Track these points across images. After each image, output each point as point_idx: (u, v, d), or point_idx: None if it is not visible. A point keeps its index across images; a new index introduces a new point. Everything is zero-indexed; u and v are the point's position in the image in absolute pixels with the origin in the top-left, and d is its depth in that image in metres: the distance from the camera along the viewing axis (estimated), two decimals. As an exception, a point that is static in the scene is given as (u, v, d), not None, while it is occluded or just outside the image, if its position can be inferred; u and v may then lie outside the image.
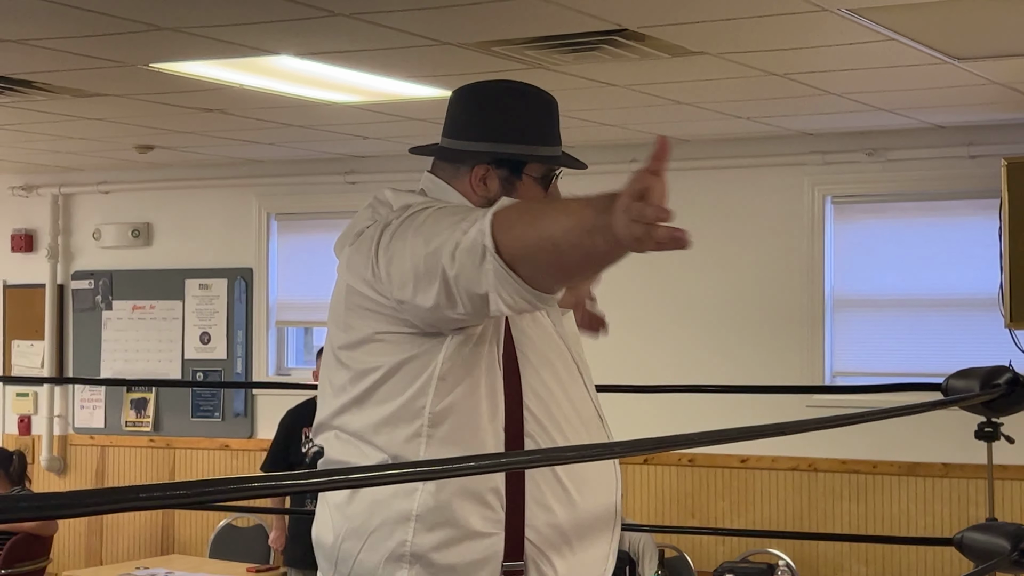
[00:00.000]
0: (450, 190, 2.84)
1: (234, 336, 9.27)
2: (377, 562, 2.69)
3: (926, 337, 7.61)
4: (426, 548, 2.66)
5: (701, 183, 8.10)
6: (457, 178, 2.86)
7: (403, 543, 2.67)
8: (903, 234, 7.79)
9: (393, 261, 2.64)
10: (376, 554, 2.69)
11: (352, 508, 2.74)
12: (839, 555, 7.76)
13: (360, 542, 2.72)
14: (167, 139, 8.12)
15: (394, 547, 2.67)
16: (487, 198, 2.80)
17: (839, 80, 6.23)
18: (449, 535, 2.66)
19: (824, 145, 7.82)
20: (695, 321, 8.10)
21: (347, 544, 2.74)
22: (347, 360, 2.77)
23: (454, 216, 2.59)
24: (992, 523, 2.79)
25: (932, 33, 5.30)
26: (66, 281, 9.80)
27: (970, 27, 5.22)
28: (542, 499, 2.71)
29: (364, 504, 2.71)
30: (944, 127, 7.50)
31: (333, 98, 6.67)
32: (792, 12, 4.94)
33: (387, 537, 2.68)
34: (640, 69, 5.89)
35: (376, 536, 2.69)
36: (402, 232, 2.65)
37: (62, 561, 9.40)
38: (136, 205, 9.63)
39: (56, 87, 6.43)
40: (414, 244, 2.59)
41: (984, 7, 4.88)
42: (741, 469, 7.98)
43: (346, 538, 2.74)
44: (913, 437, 7.54)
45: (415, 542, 2.66)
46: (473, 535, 2.67)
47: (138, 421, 9.53)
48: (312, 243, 9.18)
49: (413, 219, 2.66)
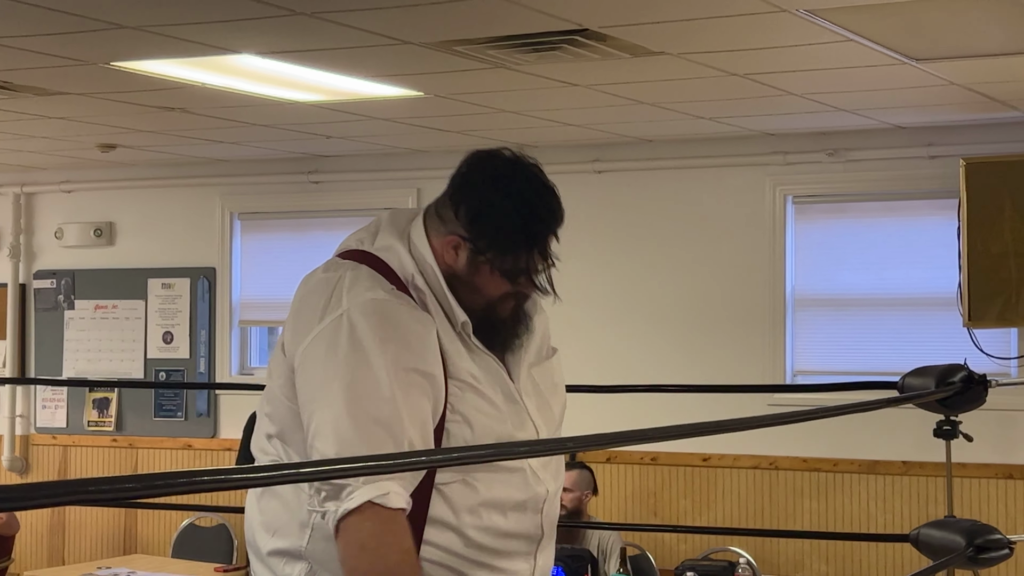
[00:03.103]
0: (427, 249, 2.87)
1: (197, 335, 9.25)
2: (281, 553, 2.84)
3: (886, 336, 7.64)
4: (316, 555, 2.77)
5: (663, 183, 8.12)
6: (438, 237, 2.88)
7: (300, 547, 2.79)
8: (863, 234, 7.82)
9: (301, 389, 2.78)
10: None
11: (263, 504, 2.89)
12: (800, 552, 7.79)
13: (268, 536, 2.86)
14: (129, 138, 8.09)
15: (291, 546, 2.81)
16: (452, 266, 2.84)
17: (799, 81, 6.25)
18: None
19: (785, 145, 7.84)
20: (657, 321, 8.11)
21: (258, 537, 2.89)
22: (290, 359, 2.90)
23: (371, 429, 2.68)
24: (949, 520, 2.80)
25: (891, 34, 5.32)
26: (28, 280, 9.77)
27: (929, 28, 5.24)
28: (447, 521, 2.74)
29: (275, 503, 2.86)
30: (904, 127, 7.53)
31: (296, 97, 6.65)
32: (751, 13, 4.94)
33: (290, 535, 2.81)
34: (601, 69, 5.89)
35: (281, 533, 2.83)
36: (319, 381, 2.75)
37: (24, 561, 9.35)
38: (98, 204, 9.60)
39: (17, 85, 6.40)
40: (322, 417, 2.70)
41: (942, 8, 4.90)
42: (703, 467, 8.00)
43: (257, 531, 2.89)
44: (873, 435, 7.58)
45: (309, 548, 2.78)
46: None
47: (100, 421, 9.50)
48: (275, 242, 9.17)
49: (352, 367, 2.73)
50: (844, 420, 7.49)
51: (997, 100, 6.73)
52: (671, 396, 6.83)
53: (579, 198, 8.23)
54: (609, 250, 8.22)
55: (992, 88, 6.44)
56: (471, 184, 2.90)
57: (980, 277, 7.15)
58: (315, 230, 8.96)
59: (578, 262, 8.15)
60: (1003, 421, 7.29)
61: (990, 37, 5.38)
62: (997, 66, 5.93)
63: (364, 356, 2.70)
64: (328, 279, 2.83)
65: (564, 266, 2.95)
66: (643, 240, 8.16)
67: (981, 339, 7.25)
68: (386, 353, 2.69)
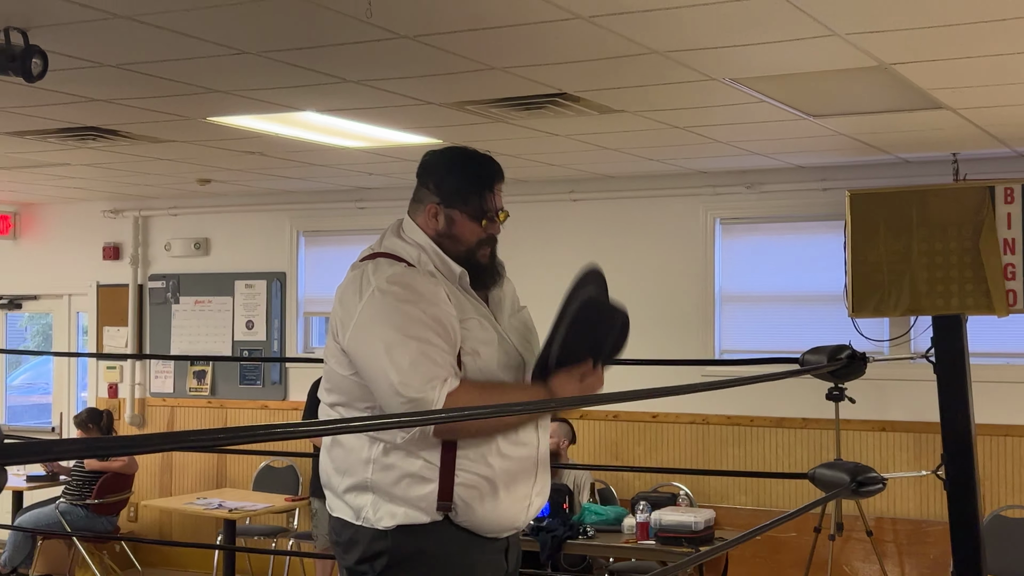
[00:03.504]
0: (416, 227, 2.97)
1: (272, 323, 9.25)
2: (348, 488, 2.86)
3: (790, 323, 7.66)
4: (380, 483, 2.79)
5: (622, 209, 8.12)
6: (419, 214, 2.99)
7: (367, 478, 2.80)
8: (773, 247, 7.82)
9: (359, 354, 2.80)
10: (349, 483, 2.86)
11: (332, 454, 2.90)
12: (724, 487, 7.80)
13: (340, 477, 2.87)
14: (221, 174, 8.10)
15: (359, 481, 2.82)
16: (437, 229, 2.94)
17: (724, 132, 6.25)
18: (395, 478, 2.78)
19: (714, 180, 7.85)
20: (618, 312, 8.11)
21: (333, 479, 2.90)
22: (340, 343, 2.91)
23: (414, 351, 2.72)
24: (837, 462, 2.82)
25: (794, 97, 5.33)
26: (144, 282, 9.77)
27: (822, 93, 5.25)
28: (474, 454, 2.77)
29: (341, 450, 2.87)
30: (803, 167, 7.54)
31: (346, 144, 6.66)
32: (688, 80, 4.96)
33: (357, 473, 2.82)
34: (576, 122, 5.90)
35: (349, 472, 2.85)
36: (369, 336, 2.78)
37: (141, 493, 9.36)
38: (197, 224, 9.59)
39: (136, 135, 6.41)
40: (381, 362, 2.74)
41: (832, 78, 4.91)
42: (653, 423, 8.01)
43: (331, 475, 2.90)
44: (780, 398, 7.59)
45: (372, 479, 2.79)
46: (415, 480, 2.77)
47: (199, 388, 9.50)
48: (330, 253, 9.17)
49: (389, 318, 2.78)
50: (759, 387, 7.50)
51: (873, 146, 6.75)
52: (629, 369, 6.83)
53: (559, 220, 8.26)
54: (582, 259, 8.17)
55: (869, 137, 6.45)
56: (432, 165, 3.03)
57: (860, 280, 7.16)
58: (360, 244, 8.83)
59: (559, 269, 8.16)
60: (878, 387, 7.30)
61: (867, 100, 5.40)
62: (873, 121, 5.95)
63: (398, 308, 2.77)
64: (356, 275, 2.90)
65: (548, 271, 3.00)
66: (608, 251, 8.16)
67: (861, 326, 7.26)
68: (413, 303, 2.77)
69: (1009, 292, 6.91)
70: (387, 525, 2.78)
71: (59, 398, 10.25)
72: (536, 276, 5.94)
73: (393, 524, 2.77)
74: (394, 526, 2.77)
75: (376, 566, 2.79)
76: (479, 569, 2.83)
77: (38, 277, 10.17)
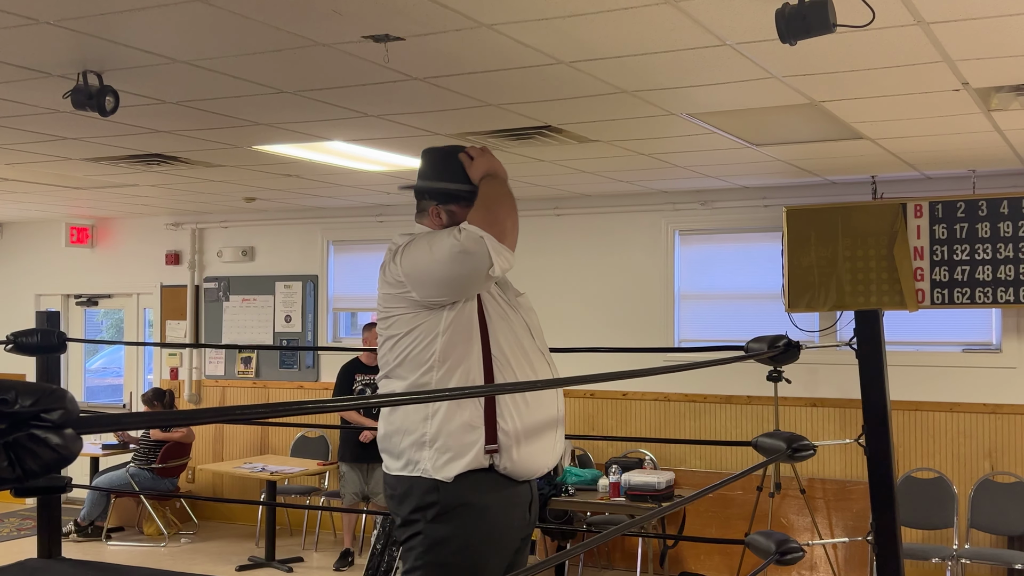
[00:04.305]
0: (426, 229, 2.90)
1: (306, 317, 9.23)
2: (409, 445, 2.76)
3: (736, 317, 7.66)
4: (435, 436, 2.71)
5: (598, 222, 8.12)
6: (425, 219, 2.93)
7: (424, 433, 2.72)
8: (722, 254, 7.82)
9: (416, 267, 2.71)
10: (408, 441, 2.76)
11: (391, 418, 2.81)
12: (683, 453, 7.80)
13: (401, 436, 2.77)
14: (263, 193, 8.09)
15: (418, 437, 2.73)
16: (443, 225, 2.86)
17: (682, 158, 6.25)
18: (445, 430, 2.70)
19: (674, 199, 7.84)
20: (595, 308, 8.12)
21: (394, 440, 2.79)
22: (382, 333, 2.83)
23: (448, 237, 2.71)
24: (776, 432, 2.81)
25: (740, 129, 5.34)
26: (200, 283, 9.75)
27: (764, 126, 5.25)
28: (508, 411, 2.74)
29: (399, 414, 2.78)
30: (748, 187, 7.55)
31: (368, 168, 6.66)
32: (651, 115, 4.96)
33: (415, 430, 2.73)
34: (559, 150, 5.90)
35: (409, 431, 2.75)
36: (413, 253, 2.73)
37: (198, 459, 9.35)
38: (244, 235, 9.58)
39: (193, 160, 6.40)
40: (431, 258, 2.69)
41: (772, 114, 4.91)
42: (623, 400, 8.01)
43: (392, 437, 2.80)
44: (729, 379, 7.60)
45: (431, 432, 2.71)
46: (466, 428, 2.70)
47: (245, 371, 9.48)
48: (355, 259, 9.15)
49: (418, 246, 2.73)
50: (710, 370, 7.51)
51: (805, 170, 6.75)
52: (604, 355, 6.84)
53: (545, 232, 8.25)
54: (564, 265, 8.22)
55: (802, 162, 6.45)
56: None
57: (795, 281, 7.17)
58: (380, 252, 8.86)
59: (547, 273, 8.16)
60: (810, 370, 7.32)
61: (801, 131, 5.40)
62: (805, 149, 5.95)
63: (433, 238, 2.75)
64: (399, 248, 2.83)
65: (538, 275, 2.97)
66: (586, 258, 8.17)
67: (796, 319, 7.27)
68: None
69: (918, 291, 6.92)
70: (446, 475, 2.69)
71: (129, 380, 10.23)
72: (526, 281, 5.93)
73: (449, 474, 2.69)
74: (451, 476, 2.69)
75: (428, 515, 2.70)
76: (511, 518, 2.78)
77: (112, 279, 10.15)
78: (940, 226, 6.86)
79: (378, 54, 3.82)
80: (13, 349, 3.60)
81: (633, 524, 2.10)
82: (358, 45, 3.74)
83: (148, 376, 10.14)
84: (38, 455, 1.11)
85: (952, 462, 7.05)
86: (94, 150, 6.02)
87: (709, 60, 3.93)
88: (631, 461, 7.42)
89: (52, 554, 3.91)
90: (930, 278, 6.88)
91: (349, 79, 4.26)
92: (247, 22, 3.50)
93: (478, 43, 3.71)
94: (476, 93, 4.50)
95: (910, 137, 5.50)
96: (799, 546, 2.62)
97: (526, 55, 3.86)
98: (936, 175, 6.91)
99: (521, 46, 3.75)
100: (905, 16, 3.41)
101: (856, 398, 3.43)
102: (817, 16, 2.87)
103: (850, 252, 7.04)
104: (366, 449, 7.77)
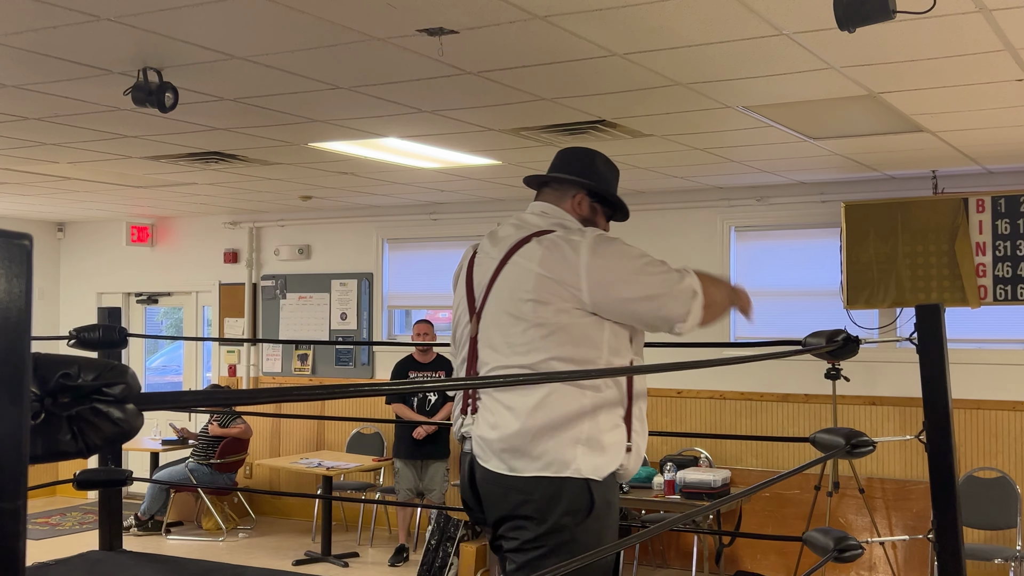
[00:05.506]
0: (559, 211, 2.76)
1: (361, 315, 9.29)
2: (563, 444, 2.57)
3: (793, 314, 7.58)
4: (591, 433, 2.58)
5: (653, 218, 8.09)
6: (564, 201, 2.79)
7: (580, 431, 2.56)
8: (779, 250, 7.75)
9: (609, 275, 2.57)
10: (563, 440, 2.57)
11: (537, 415, 2.55)
12: (739, 451, 7.74)
13: (551, 433, 2.55)
14: (319, 191, 8.16)
15: (574, 434, 2.57)
16: (582, 216, 2.78)
17: (738, 152, 6.21)
18: (601, 427, 2.60)
19: (730, 194, 7.79)
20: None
21: (533, 437, 2.55)
22: (530, 316, 2.58)
23: (660, 267, 2.65)
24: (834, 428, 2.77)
25: (797, 122, 5.28)
26: (258, 281, 9.85)
27: (821, 119, 5.20)
28: (639, 410, 2.70)
29: (548, 411, 2.56)
30: (805, 183, 7.47)
31: (422, 165, 6.69)
32: (707, 108, 4.92)
33: (570, 429, 2.55)
34: (614, 145, 5.88)
35: (561, 428, 2.56)
36: (614, 264, 2.57)
37: (255, 454, 9.45)
38: (300, 233, 9.67)
39: (251, 158, 6.47)
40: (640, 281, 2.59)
41: (830, 106, 4.86)
42: (677, 398, 7.96)
43: (535, 435, 2.55)
44: (785, 377, 7.52)
45: (587, 431, 2.57)
46: (615, 426, 2.62)
47: (302, 367, 9.57)
48: (410, 257, 9.20)
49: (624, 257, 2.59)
50: (767, 367, 7.45)
51: (864, 164, 6.66)
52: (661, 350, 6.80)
53: (599, 228, 8.23)
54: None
55: (861, 157, 6.37)
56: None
57: (854, 277, 7.09)
58: (433, 250, 8.98)
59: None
60: (868, 368, 7.22)
61: (859, 125, 5.33)
62: (864, 143, 5.87)
63: (618, 246, 2.63)
64: (550, 244, 2.62)
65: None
66: (640, 254, 8.14)
67: (855, 316, 7.19)
68: (621, 241, 2.65)
69: (980, 287, 6.80)
70: (600, 474, 2.56)
71: (188, 377, 10.37)
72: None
73: (603, 472, 2.57)
74: (604, 475, 2.57)
75: (578, 517, 2.54)
76: (616, 519, 2.72)
77: (171, 277, 10.30)
78: (1003, 221, 6.74)
79: (432, 48, 3.84)
80: (76, 344, 3.68)
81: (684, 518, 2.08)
82: (412, 39, 3.75)
83: (207, 373, 10.27)
84: (100, 428, 1.13)
85: (1015, 462, 6.92)
86: (154, 148, 6.11)
87: (765, 51, 3.89)
88: (686, 459, 7.37)
89: (113, 547, 3.98)
90: (992, 274, 6.75)
91: (404, 74, 4.28)
92: (303, 17, 3.53)
93: (531, 35, 3.71)
94: (529, 87, 4.49)
95: (971, 130, 5.40)
96: (858, 543, 2.57)
97: (580, 47, 3.85)
98: (998, 169, 6.78)
99: (575, 38, 3.74)
100: (966, 2, 3.35)
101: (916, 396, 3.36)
102: (876, 2, 2.82)
103: (910, 248, 6.93)
104: (420, 445, 7.80)
